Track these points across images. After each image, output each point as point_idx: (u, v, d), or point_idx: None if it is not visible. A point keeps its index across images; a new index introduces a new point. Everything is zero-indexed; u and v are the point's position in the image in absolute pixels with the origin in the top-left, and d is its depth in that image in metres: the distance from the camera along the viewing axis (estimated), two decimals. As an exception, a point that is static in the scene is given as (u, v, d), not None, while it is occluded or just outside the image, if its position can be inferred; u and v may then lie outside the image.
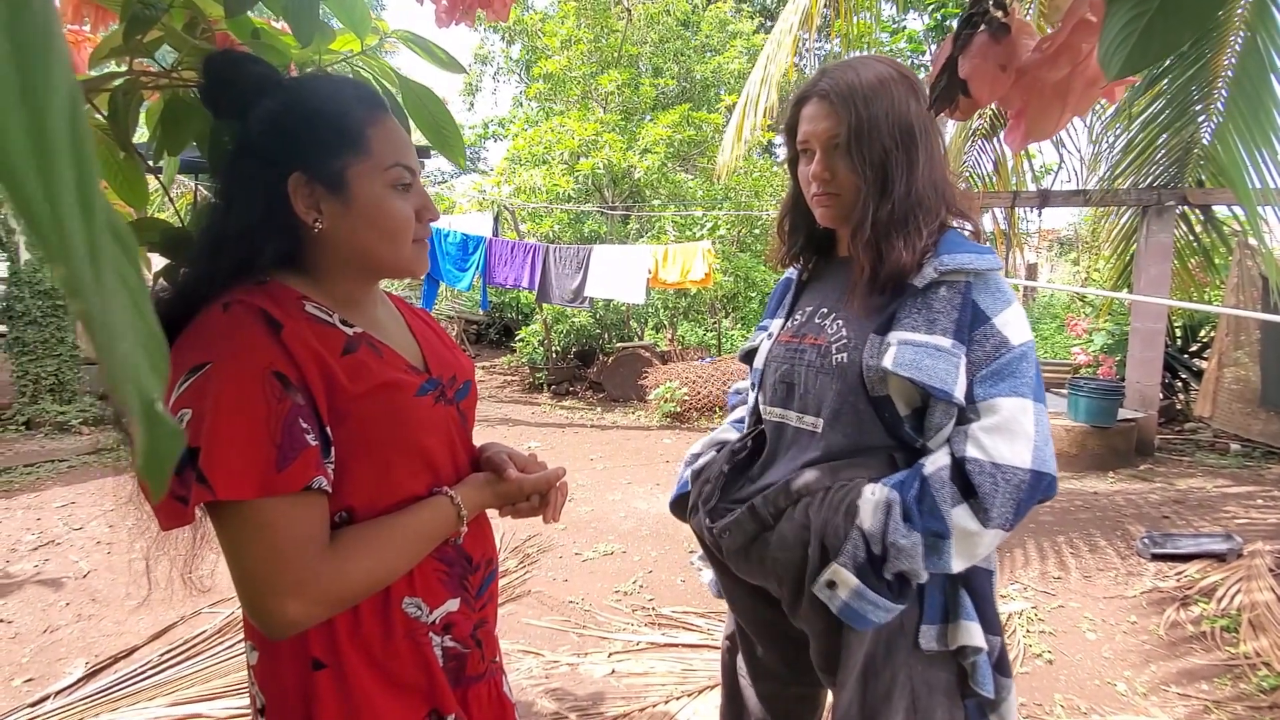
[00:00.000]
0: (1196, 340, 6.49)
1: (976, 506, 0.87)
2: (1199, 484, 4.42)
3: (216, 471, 0.64)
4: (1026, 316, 0.98)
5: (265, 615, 0.68)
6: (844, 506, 0.93)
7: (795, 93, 1.06)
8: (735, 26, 10.41)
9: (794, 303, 1.15)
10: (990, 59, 0.48)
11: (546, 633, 2.58)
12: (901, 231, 0.94)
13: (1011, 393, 0.89)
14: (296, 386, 0.69)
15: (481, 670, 0.87)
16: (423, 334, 0.91)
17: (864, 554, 0.90)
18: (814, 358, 1.02)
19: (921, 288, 0.94)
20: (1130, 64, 0.40)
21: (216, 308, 0.70)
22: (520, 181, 8.15)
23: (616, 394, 7.55)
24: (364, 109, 0.77)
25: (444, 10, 1.24)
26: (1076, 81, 0.47)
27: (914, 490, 0.90)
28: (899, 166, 0.95)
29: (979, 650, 0.93)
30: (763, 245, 8.97)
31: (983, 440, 0.88)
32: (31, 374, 5.60)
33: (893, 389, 0.94)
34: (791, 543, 0.97)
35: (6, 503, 4.08)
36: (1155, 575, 3.06)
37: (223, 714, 2.01)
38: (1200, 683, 2.27)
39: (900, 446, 0.98)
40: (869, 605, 0.90)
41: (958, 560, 0.88)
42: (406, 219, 0.78)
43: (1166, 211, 5.02)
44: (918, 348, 0.91)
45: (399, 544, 0.75)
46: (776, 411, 1.08)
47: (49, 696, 2.16)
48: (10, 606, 2.82)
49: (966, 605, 0.94)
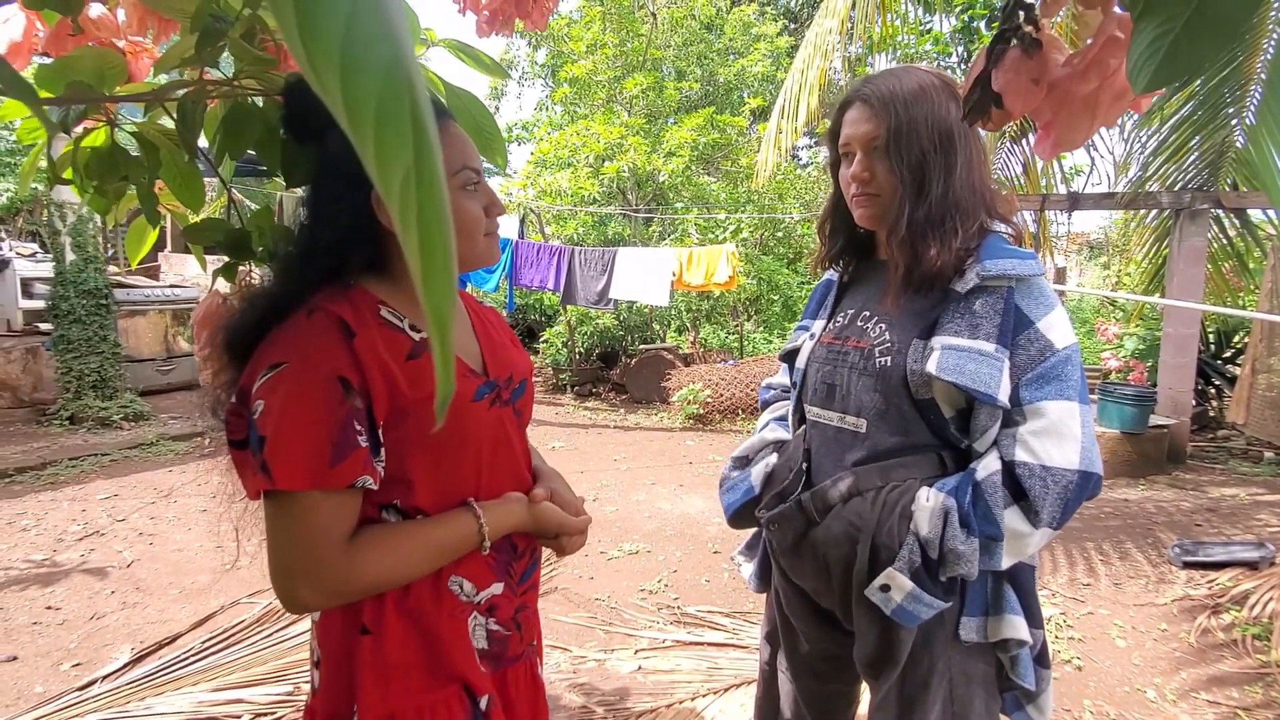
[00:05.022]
0: (1230, 346, 6.34)
1: (1027, 509, 0.89)
2: (1231, 491, 4.33)
3: (277, 463, 0.71)
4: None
5: (280, 593, 0.76)
6: (898, 509, 0.95)
7: (840, 100, 1.08)
8: (759, 29, 10.41)
9: (835, 304, 1.17)
10: (1023, 73, 0.51)
11: (573, 629, 2.62)
12: (937, 232, 0.96)
13: (1058, 396, 0.91)
14: (357, 391, 0.76)
15: (520, 651, 0.91)
16: (485, 335, 0.95)
17: (920, 559, 0.92)
18: (857, 360, 1.04)
19: (964, 293, 0.96)
20: (1156, 79, 0.43)
21: (303, 313, 0.78)
22: (545, 184, 8.23)
23: (639, 396, 7.58)
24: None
25: (485, 21, 1.29)
26: (1105, 95, 0.49)
27: (968, 496, 0.92)
28: (936, 169, 0.97)
29: (1023, 643, 0.95)
30: (786, 248, 8.95)
31: (1031, 444, 0.90)
32: (75, 371, 5.80)
33: (936, 392, 0.95)
34: (841, 539, 0.99)
35: (53, 494, 4.24)
36: (1186, 583, 3.02)
37: (263, 699, 2.08)
38: (1230, 690, 2.24)
39: (945, 445, 0.99)
40: (923, 606, 0.92)
41: (1007, 559, 0.91)
42: (477, 217, 0.84)
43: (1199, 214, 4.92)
44: (961, 352, 0.92)
45: (417, 552, 0.80)
46: (818, 411, 1.10)
47: (96, 681, 2.26)
48: (58, 594, 2.93)
49: (1011, 599, 0.96)
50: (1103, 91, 0.49)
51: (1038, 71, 0.51)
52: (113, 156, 1.13)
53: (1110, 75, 0.48)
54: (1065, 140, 0.52)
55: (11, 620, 2.71)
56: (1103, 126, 0.52)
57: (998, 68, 0.52)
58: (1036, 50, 0.51)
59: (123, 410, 5.86)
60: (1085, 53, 0.49)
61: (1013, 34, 0.53)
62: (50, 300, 5.81)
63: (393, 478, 0.80)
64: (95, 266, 5.89)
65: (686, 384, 6.66)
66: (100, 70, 1.03)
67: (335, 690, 0.82)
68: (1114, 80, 0.49)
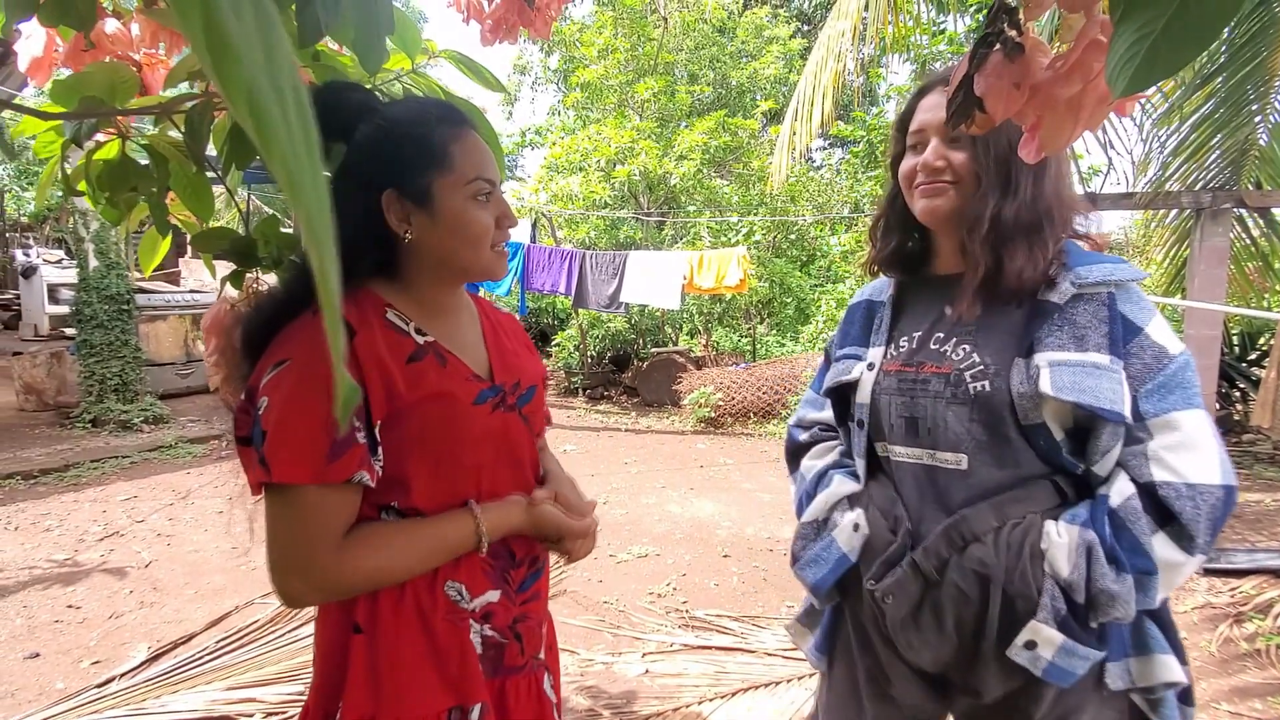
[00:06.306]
0: (1255, 348, 6.21)
1: (1177, 534, 0.80)
2: (1256, 497, 4.24)
3: (276, 457, 0.73)
4: None
5: (276, 585, 0.77)
6: (1026, 549, 0.84)
7: (916, 87, 1.00)
8: (771, 32, 10.40)
9: (892, 328, 1.04)
10: (1005, 77, 0.51)
11: (581, 632, 2.63)
12: (1027, 240, 0.88)
13: (1186, 405, 0.83)
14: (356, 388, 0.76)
15: (521, 663, 0.90)
16: (495, 340, 0.95)
17: (1064, 605, 0.81)
18: (941, 387, 0.92)
19: (1062, 304, 0.87)
20: (1135, 83, 0.42)
21: (309, 312, 0.79)
22: (557, 189, 8.28)
23: (651, 399, 7.59)
24: (446, 128, 0.85)
25: (489, 30, 1.31)
26: (1088, 98, 0.49)
27: (1107, 527, 0.82)
28: (1024, 168, 0.88)
29: (1173, 684, 0.84)
30: (799, 251, 8.92)
31: (1170, 460, 0.81)
32: (98, 375, 5.92)
33: (1048, 414, 0.85)
34: (969, 596, 0.86)
35: (75, 496, 4.33)
36: (1208, 590, 2.96)
37: (275, 699, 2.10)
38: (1254, 700, 2.19)
39: (1059, 472, 0.89)
40: (1077, 660, 0.81)
41: (1161, 593, 0.82)
42: (486, 227, 0.85)
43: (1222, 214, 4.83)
44: (1075, 368, 0.83)
45: (411, 549, 0.80)
46: (902, 450, 0.96)
47: (114, 678, 2.30)
48: (79, 593, 3.00)
49: (1157, 636, 0.86)
50: (1086, 95, 0.49)
51: (1020, 75, 0.51)
52: (123, 168, 1.16)
53: (1093, 79, 0.48)
54: (1050, 143, 0.52)
55: (35, 618, 2.77)
56: (1087, 129, 0.51)
57: (980, 71, 0.52)
58: (1019, 55, 0.51)
59: (143, 413, 5.97)
60: (1068, 56, 0.49)
61: (995, 38, 0.53)
62: (74, 305, 5.94)
63: (391, 479, 0.81)
64: (117, 272, 6.01)
65: (698, 387, 6.65)
66: (112, 84, 1.06)
67: (327, 687, 0.82)
68: (1097, 84, 0.48)
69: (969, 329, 0.94)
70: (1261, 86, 4.04)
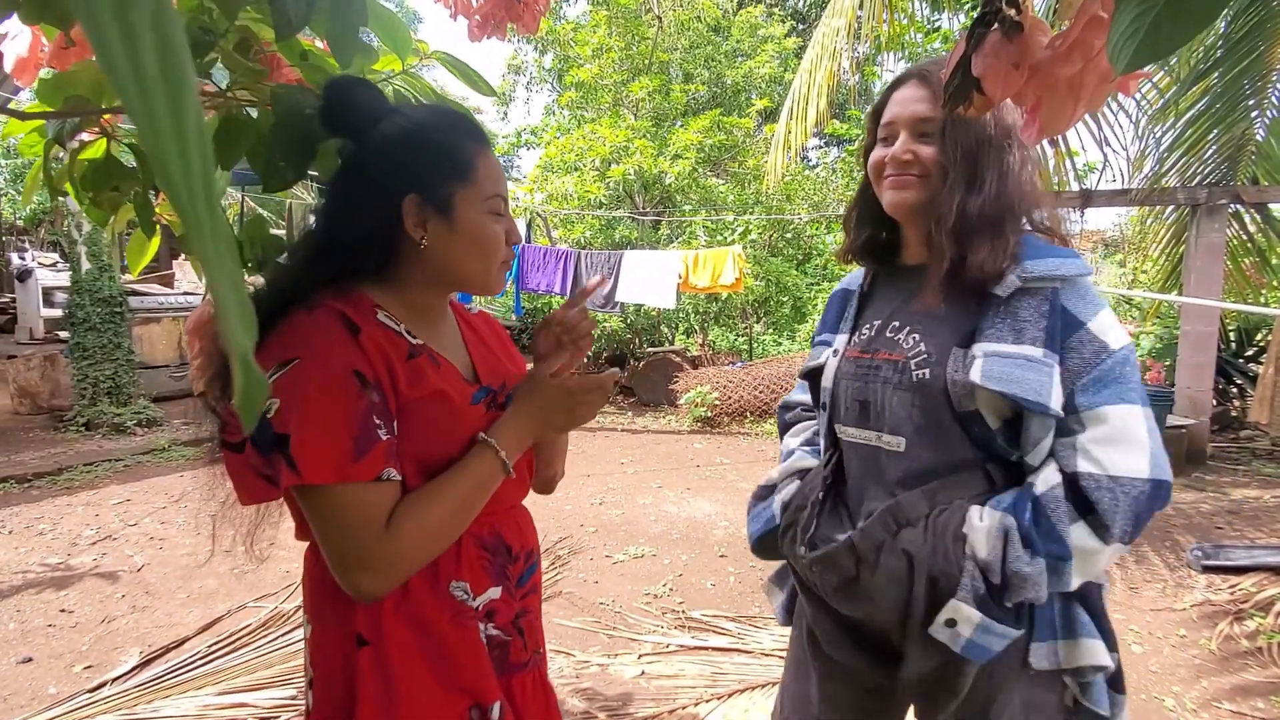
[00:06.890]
0: (1252, 344, 6.21)
1: (1095, 524, 0.83)
2: (1254, 493, 4.23)
3: (305, 459, 0.71)
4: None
5: (347, 586, 0.75)
6: (949, 533, 0.88)
7: (894, 78, 1.00)
8: (766, 31, 10.38)
9: (858, 316, 1.08)
10: (1003, 57, 0.49)
11: (577, 633, 2.61)
12: (989, 234, 0.90)
13: (1119, 399, 0.85)
14: (372, 385, 0.76)
15: (525, 659, 0.90)
16: (474, 343, 0.95)
17: (983, 585, 0.85)
18: (890, 373, 0.97)
19: (1005, 296, 0.89)
20: (1138, 58, 0.41)
21: (301, 310, 0.77)
22: (552, 188, 8.25)
23: (647, 398, 7.57)
24: (473, 142, 0.85)
25: (476, 25, 1.29)
26: (1089, 77, 0.47)
27: (1028, 513, 0.85)
28: (991, 162, 0.90)
29: (1100, 669, 0.88)
30: (794, 249, 8.90)
31: (1094, 453, 0.84)
32: (91, 378, 5.88)
33: (981, 403, 0.88)
34: (897, 577, 0.91)
35: (68, 499, 4.30)
36: (1207, 588, 2.95)
37: (268, 704, 2.08)
38: (1255, 699, 2.18)
39: (992, 460, 0.92)
40: (994, 638, 0.85)
41: (1077, 579, 0.85)
42: (499, 241, 0.86)
43: (1218, 210, 4.83)
44: (1006, 359, 0.86)
45: (451, 500, 0.79)
46: (853, 431, 1.02)
47: (107, 683, 2.28)
48: (72, 597, 2.97)
49: (1085, 621, 0.89)
50: (1087, 74, 0.47)
51: (1019, 55, 0.49)
52: (106, 168, 1.14)
53: (1094, 57, 0.46)
54: (1050, 125, 0.50)
55: (28, 622, 2.74)
56: (1088, 110, 0.49)
57: (978, 52, 0.50)
58: (1017, 34, 0.49)
59: (136, 416, 5.93)
60: (1068, 34, 0.47)
61: (994, 17, 0.51)
62: (68, 308, 5.90)
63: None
64: (110, 275, 5.97)
65: (694, 386, 6.63)
66: (97, 83, 1.04)
67: (330, 706, 0.80)
68: (1098, 62, 0.46)
69: (921, 318, 0.97)
70: (1258, 81, 4.04)
